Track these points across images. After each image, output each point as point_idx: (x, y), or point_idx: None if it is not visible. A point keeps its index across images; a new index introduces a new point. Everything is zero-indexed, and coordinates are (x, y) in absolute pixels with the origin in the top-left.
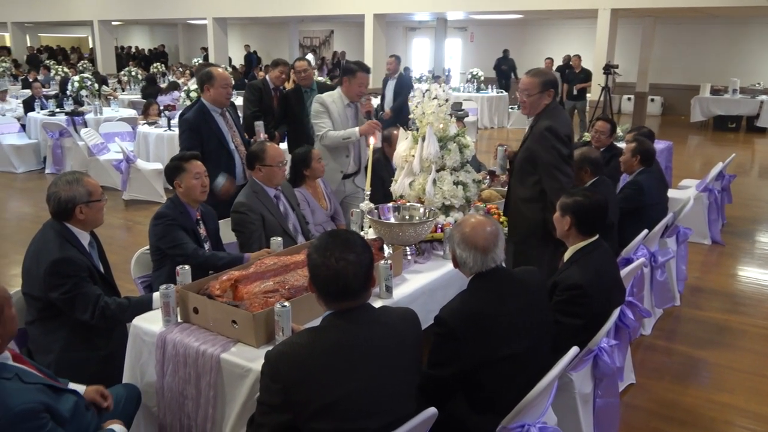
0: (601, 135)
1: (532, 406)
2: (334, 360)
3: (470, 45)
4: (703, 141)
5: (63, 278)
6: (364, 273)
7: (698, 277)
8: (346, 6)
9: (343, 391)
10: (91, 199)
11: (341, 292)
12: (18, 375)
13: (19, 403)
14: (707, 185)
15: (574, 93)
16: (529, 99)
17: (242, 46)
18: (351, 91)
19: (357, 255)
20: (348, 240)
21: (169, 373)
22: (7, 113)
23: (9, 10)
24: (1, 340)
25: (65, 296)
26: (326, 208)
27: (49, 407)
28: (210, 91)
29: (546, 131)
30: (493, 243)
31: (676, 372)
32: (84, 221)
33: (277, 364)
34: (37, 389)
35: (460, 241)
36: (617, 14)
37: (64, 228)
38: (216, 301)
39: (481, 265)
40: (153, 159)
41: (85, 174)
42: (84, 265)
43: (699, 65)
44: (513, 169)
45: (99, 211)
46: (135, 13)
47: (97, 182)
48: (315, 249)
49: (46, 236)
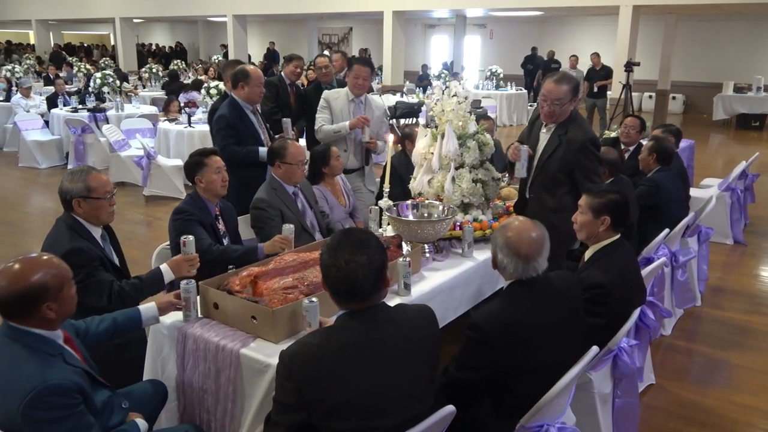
0: (631, 130)
1: (551, 406)
2: (346, 360)
3: (489, 42)
4: (726, 139)
5: (75, 268)
6: (374, 275)
7: (720, 278)
8: (366, 3)
9: (357, 390)
10: (90, 195)
11: (351, 293)
12: (63, 355)
13: (54, 377)
14: (730, 184)
15: (595, 90)
16: (561, 108)
17: (262, 42)
18: (351, 84)
19: (369, 257)
20: (361, 241)
21: (189, 367)
22: (32, 110)
23: (33, 7)
24: (57, 316)
25: (79, 285)
26: (345, 205)
27: (84, 391)
28: (245, 89)
29: (589, 144)
30: (537, 251)
31: (696, 373)
32: (84, 215)
33: (291, 363)
34: (77, 372)
35: (503, 245)
36: (639, 11)
37: (75, 221)
38: (236, 296)
39: (522, 273)
40: (173, 155)
41: (95, 170)
42: (95, 255)
43: (722, 63)
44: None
45: (100, 209)
46: (156, 11)
47: (107, 180)
48: (327, 248)
49: (58, 230)
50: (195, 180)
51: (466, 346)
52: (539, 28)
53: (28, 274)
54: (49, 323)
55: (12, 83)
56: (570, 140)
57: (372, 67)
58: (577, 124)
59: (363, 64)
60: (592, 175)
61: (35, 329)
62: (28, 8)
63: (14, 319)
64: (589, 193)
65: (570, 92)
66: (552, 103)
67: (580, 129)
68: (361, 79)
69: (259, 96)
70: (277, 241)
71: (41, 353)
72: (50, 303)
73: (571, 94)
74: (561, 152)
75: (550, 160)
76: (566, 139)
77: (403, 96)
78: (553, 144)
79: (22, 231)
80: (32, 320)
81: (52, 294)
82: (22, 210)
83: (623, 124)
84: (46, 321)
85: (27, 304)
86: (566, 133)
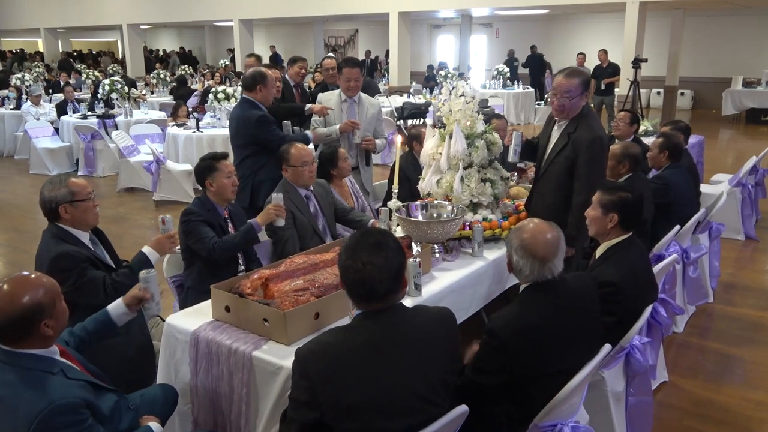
0: (620, 122)
1: (565, 405)
2: (361, 361)
3: (495, 41)
4: (736, 135)
5: (65, 272)
6: (392, 277)
7: (732, 274)
8: (371, 5)
9: (372, 391)
10: (75, 198)
11: (367, 295)
12: (63, 370)
13: (60, 397)
14: (740, 180)
15: (602, 88)
16: (571, 102)
17: (268, 46)
18: (343, 87)
19: (386, 259)
20: (379, 243)
21: (202, 370)
22: (42, 117)
23: (41, 15)
24: (54, 332)
25: (72, 288)
26: (354, 206)
27: (90, 404)
28: (262, 90)
29: (594, 143)
30: (553, 252)
31: (710, 370)
32: (71, 221)
33: (306, 362)
34: (80, 386)
35: (518, 248)
36: (646, 7)
37: (59, 229)
38: (247, 299)
39: (538, 274)
40: (182, 160)
41: (72, 176)
42: (83, 256)
43: (730, 57)
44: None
45: (87, 211)
46: (163, 17)
47: (86, 183)
48: (345, 249)
49: (44, 240)
50: (206, 184)
51: (482, 351)
52: (546, 26)
53: (20, 295)
54: (47, 340)
55: (22, 91)
56: (577, 139)
57: (361, 67)
58: (587, 122)
59: (352, 65)
60: (589, 172)
61: (31, 350)
62: (36, 16)
63: (11, 342)
64: (602, 189)
65: (580, 86)
66: (561, 96)
67: (588, 128)
68: (353, 81)
69: (273, 97)
70: (270, 209)
71: (42, 374)
72: (47, 320)
73: (581, 87)
74: (567, 151)
75: (557, 159)
76: (574, 137)
77: (410, 97)
78: (562, 142)
79: (32, 237)
80: (30, 341)
81: (47, 311)
82: (33, 217)
83: (615, 117)
84: (44, 339)
85: (25, 325)
86: (575, 131)
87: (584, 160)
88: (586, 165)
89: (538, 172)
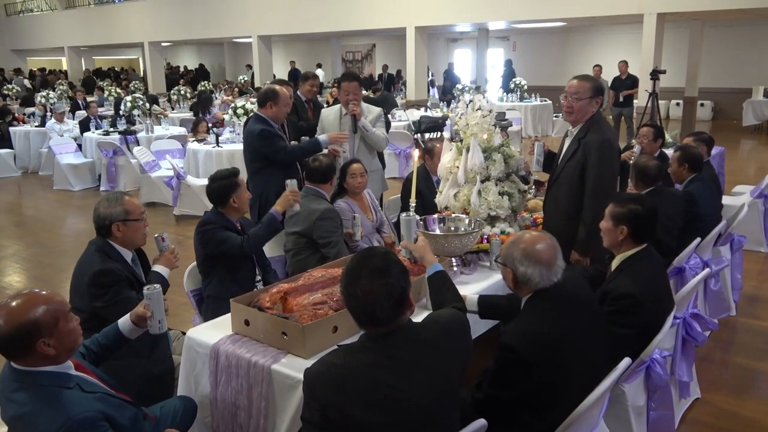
0: (644, 139)
1: (584, 419)
2: (368, 382)
3: (513, 54)
4: (757, 145)
5: (104, 288)
6: (392, 303)
7: (755, 286)
8: (388, 20)
9: (381, 412)
10: (128, 218)
11: (369, 321)
12: (79, 384)
13: (78, 411)
14: (762, 191)
15: (621, 100)
16: (578, 104)
17: (286, 62)
18: (343, 102)
19: (387, 285)
20: (379, 269)
21: (222, 383)
22: (65, 134)
23: (66, 35)
24: (58, 351)
25: (107, 304)
26: (372, 219)
27: (108, 416)
28: (273, 108)
29: (603, 145)
30: (554, 255)
31: (734, 384)
32: (122, 239)
33: (314, 384)
34: (97, 398)
35: (522, 258)
36: (664, 19)
37: (106, 244)
38: (266, 313)
39: (547, 279)
40: (202, 175)
41: (128, 194)
42: (123, 276)
43: (750, 68)
44: (556, 181)
45: (137, 231)
46: (184, 34)
47: (139, 203)
48: (346, 273)
49: (89, 252)
50: (230, 201)
51: (500, 366)
52: (563, 38)
53: (19, 313)
54: (53, 359)
55: (47, 109)
56: (587, 142)
57: (359, 80)
58: (598, 127)
59: (350, 80)
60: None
61: (43, 367)
62: (61, 36)
63: (17, 358)
64: (614, 201)
65: (590, 89)
66: (570, 97)
67: (598, 131)
68: (351, 94)
69: (284, 115)
70: (288, 195)
71: (57, 389)
72: (45, 339)
73: (592, 91)
74: (578, 155)
75: (568, 164)
76: (584, 141)
77: (427, 110)
78: (573, 147)
79: (57, 252)
80: (32, 358)
81: (46, 330)
82: (56, 231)
83: (638, 134)
84: (47, 357)
85: (21, 341)
86: (585, 137)
87: (593, 162)
88: (595, 167)
89: (552, 178)
